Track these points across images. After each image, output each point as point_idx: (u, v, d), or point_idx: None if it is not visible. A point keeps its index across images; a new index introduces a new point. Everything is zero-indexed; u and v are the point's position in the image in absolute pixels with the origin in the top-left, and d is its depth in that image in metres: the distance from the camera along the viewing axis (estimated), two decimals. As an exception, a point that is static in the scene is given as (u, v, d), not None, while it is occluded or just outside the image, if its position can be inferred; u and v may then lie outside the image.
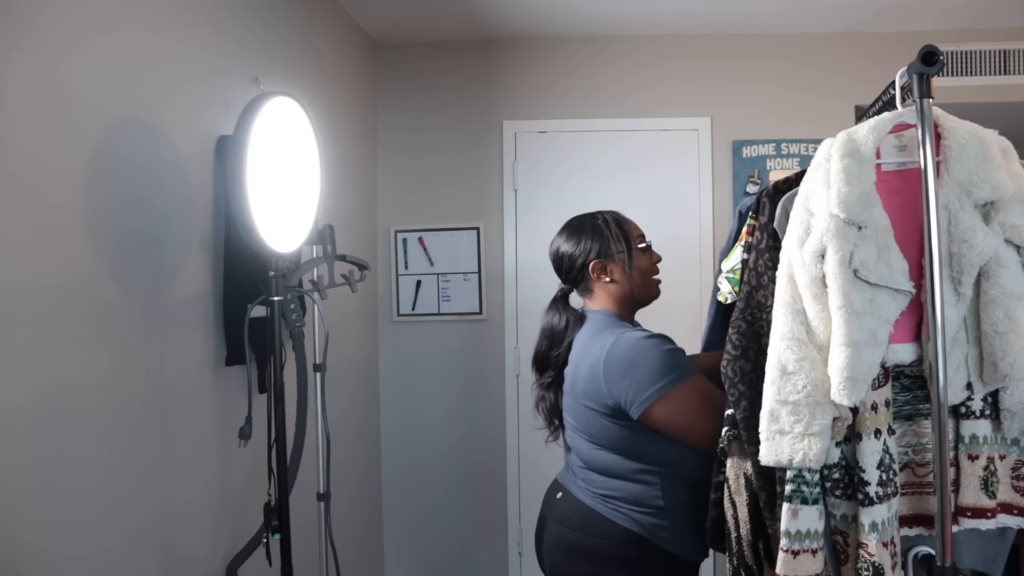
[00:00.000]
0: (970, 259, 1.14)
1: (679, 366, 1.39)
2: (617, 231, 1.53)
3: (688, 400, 1.38)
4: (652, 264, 1.56)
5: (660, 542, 1.43)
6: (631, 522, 1.43)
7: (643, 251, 1.55)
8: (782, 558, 1.18)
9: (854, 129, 1.21)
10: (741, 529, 1.36)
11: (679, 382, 1.37)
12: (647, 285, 1.55)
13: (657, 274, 1.58)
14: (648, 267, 1.55)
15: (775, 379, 1.18)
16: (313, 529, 1.95)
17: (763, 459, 1.20)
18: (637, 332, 1.46)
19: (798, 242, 1.18)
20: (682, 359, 1.42)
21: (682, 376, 1.38)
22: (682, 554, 1.46)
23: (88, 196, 1.24)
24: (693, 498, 1.42)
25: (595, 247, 1.52)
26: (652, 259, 1.57)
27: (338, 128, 2.52)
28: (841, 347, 1.11)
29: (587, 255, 1.53)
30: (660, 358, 1.39)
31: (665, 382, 1.37)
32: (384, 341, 3.03)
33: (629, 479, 1.44)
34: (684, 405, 1.38)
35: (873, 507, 1.14)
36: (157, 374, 1.43)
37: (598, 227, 1.54)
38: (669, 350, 1.41)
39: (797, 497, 1.19)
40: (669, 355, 1.40)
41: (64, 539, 1.18)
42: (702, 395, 1.39)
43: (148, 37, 1.43)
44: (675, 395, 1.37)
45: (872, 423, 1.16)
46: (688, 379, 1.39)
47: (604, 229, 1.53)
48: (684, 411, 1.38)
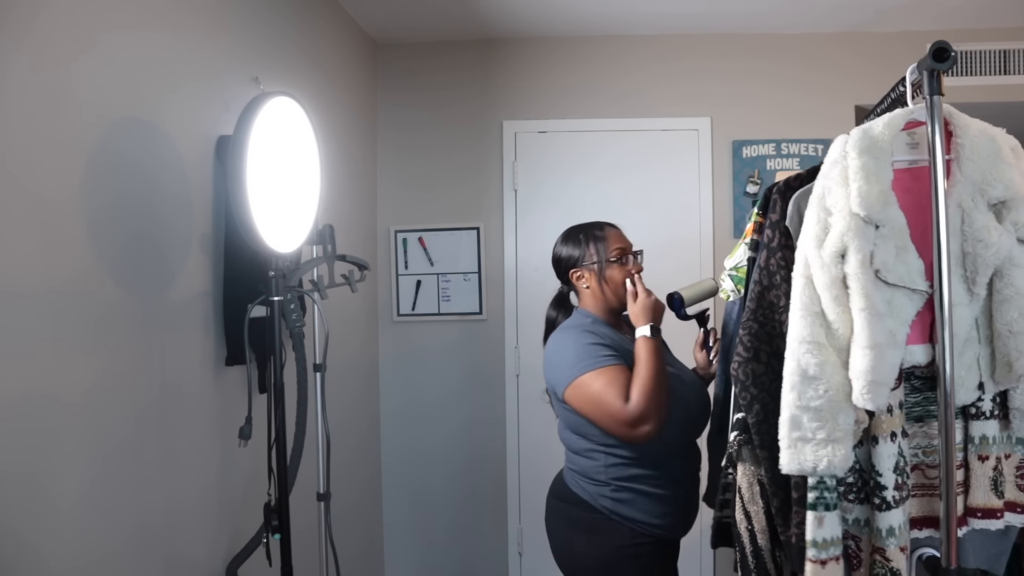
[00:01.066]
0: (985, 258, 1.12)
1: (592, 357, 1.56)
2: (593, 244, 1.73)
3: (586, 392, 1.54)
4: (627, 275, 1.71)
5: (605, 511, 1.61)
6: (583, 491, 1.65)
7: (616, 263, 1.71)
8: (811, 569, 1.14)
9: (869, 125, 1.18)
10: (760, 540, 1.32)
11: (587, 371, 1.54)
12: (620, 294, 1.71)
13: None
14: (621, 278, 1.71)
15: (795, 384, 1.15)
16: (313, 529, 1.95)
17: (785, 468, 1.17)
18: (573, 326, 1.68)
19: (816, 242, 1.16)
20: (599, 352, 1.57)
21: (592, 366, 1.55)
22: (630, 525, 1.61)
23: (88, 196, 1.24)
24: (633, 476, 1.60)
25: (574, 257, 1.75)
26: (627, 271, 1.71)
27: (338, 128, 2.52)
28: (864, 350, 1.09)
29: (568, 263, 1.76)
30: (577, 348, 1.59)
31: (575, 369, 1.56)
32: (384, 341, 3.03)
33: (581, 455, 1.66)
34: (584, 395, 1.55)
35: (890, 512, 1.12)
36: (157, 374, 1.43)
37: (579, 239, 1.75)
38: (588, 343, 1.59)
39: (821, 504, 1.15)
40: (586, 347, 1.58)
41: (65, 540, 1.17)
42: (600, 388, 1.52)
43: (148, 37, 1.43)
44: (579, 386, 1.55)
45: (888, 426, 1.14)
46: (596, 369, 1.54)
47: (583, 241, 1.75)
48: (587, 397, 1.55)
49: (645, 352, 1.55)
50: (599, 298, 1.72)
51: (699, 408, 1.72)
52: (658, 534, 1.62)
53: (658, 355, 1.55)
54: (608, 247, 1.72)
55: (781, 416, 1.17)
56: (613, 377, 1.53)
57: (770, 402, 1.23)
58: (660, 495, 1.61)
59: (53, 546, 1.15)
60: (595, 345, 1.59)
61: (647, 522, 1.61)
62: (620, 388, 1.51)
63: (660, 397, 1.51)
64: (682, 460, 1.66)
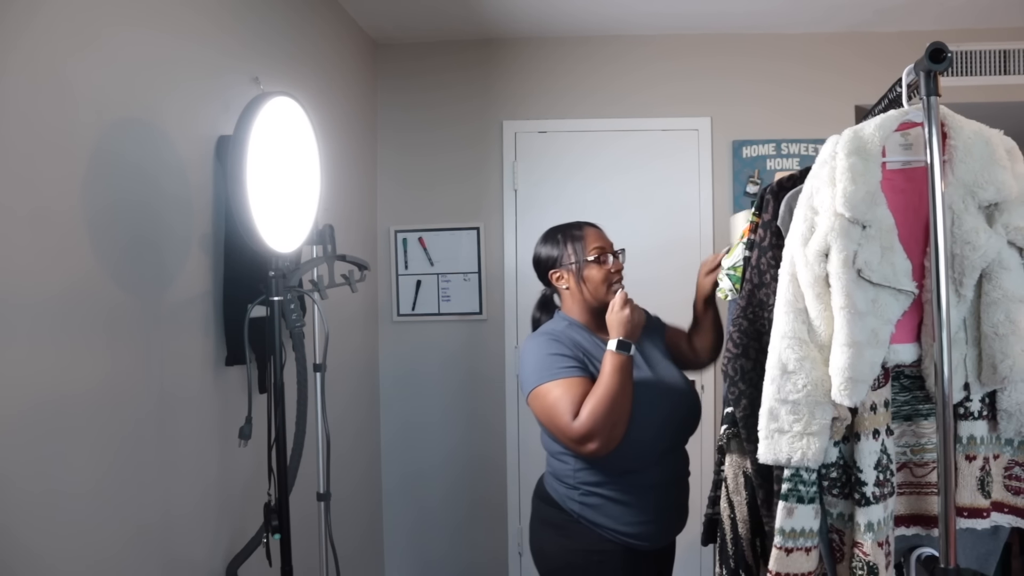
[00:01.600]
0: (972, 261, 1.13)
1: (551, 367, 1.55)
2: (571, 244, 1.71)
3: (542, 403, 1.54)
4: (607, 274, 1.69)
5: (574, 515, 1.61)
6: (555, 492, 1.66)
7: (595, 263, 1.68)
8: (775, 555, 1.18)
9: (860, 127, 1.20)
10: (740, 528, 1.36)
11: (545, 381, 1.54)
12: (599, 293, 1.69)
13: (616, 282, 1.70)
14: (600, 277, 1.68)
15: (775, 378, 1.18)
16: (313, 529, 1.95)
17: (761, 457, 1.20)
18: (544, 332, 1.67)
19: (802, 240, 1.18)
20: (559, 362, 1.56)
21: (549, 377, 1.54)
22: (598, 530, 1.59)
23: (87, 197, 1.24)
24: (600, 481, 1.58)
25: (553, 257, 1.73)
26: (607, 270, 1.69)
27: (338, 128, 2.52)
28: (843, 347, 1.11)
29: (547, 264, 1.75)
30: (539, 357, 1.58)
31: (534, 378, 1.56)
32: (384, 341, 3.03)
33: (555, 457, 1.66)
34: (539, 406, 1.55)
35: (869, 507, 1.14)
36: (157, 374, 1.43)
37: (557, 239, 1.74)
38: (550, 352, 1.58)
39: (793, 496, 1.19)
40: (547, 356, 1.57)
41: (65, 540, 1.18)
42: (553, 400, 1.51)
43: (148, 36, 1.43)
44: (536, 395, 1.55)
45: (871, 423, 1.16)
46: (553, 380, 1.53)
47: (561, 241, 1.73)
48: (542, 407, 1.55)
49: (606, 368, 1.50)
50: (578, 299, 1.71)
51: (683, 412, 1.67)
52: (628, 542, 1.58)
53: (620, 372, 1.49)
54: (586, 246, 1.70)
55: (761, 407, 1.20)
56: (567, 390, 1.51)
57: (757, 397, 1.26)
58: (629, 502, 1.58)
59: (54, 547, 1.15)
60: (557, 355, 1.57)
61: (614, 529, 1.58)
62: (571, 402, 1.49)
63: (611, 417, 1.46)
64: (655, 467, 1.60)
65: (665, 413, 1.61)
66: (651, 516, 1.60)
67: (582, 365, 1.57)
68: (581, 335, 1.67)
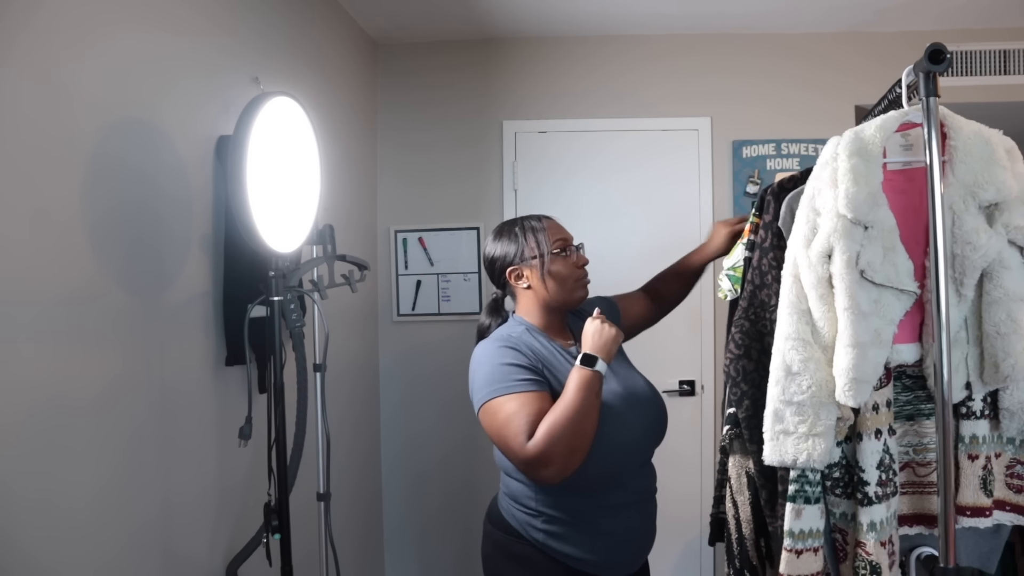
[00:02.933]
0: (973, 261, 1.13)
1: (504, 380, 1.40)
2: (533, 237, 1.55)
3: (493, 419, 1.38)
4: (573, 269, 1.55)
5: (537, 544, 1.46)
6: (513, 518, 1.49)
7: (560, 256, 1.54)
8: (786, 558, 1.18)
9: (861, 128, 1.20)
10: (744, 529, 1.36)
11: (492, 397, 1.39)
12: (566, 290, 1.54)
13: (583, 277, 1.57)
14: (567, 272, 1.54)
15: (779, 379, 1.18)
16: (313, 529, 1.95)
17: (767, 459, 1.20)
18: (497, 338, 1.51)
19: (804, 242, 1.18)
20: (514, 374, 1.40)
21: (502, 391, 1.38)
22: (557, 556, 1.45)
23: (87, 198, 1.24)
24: (566, 506, 1.43)
25: (510, 253, 1.56)
26: (572, 264, 1.55)
27: (338, 128, 2.52)
28: (847, 348, 1.11)
29: (504, 261, 1.58)
30: (492, 368, 1.43)
31: (483, 394, 1.41)
32: (384, 341, 3.03)
33: (512, 475, 1.49)
34: (490, 423, 1.40)
35: (872, 507, 1.14)
36: (157, 374, 1.43)
37: (515, 233, 1.57)
38: (504, 363, 1.42)
39: (800, 497, 1.19)
40: (500, 367, 1.42)
41: (65, 541, 1.17)
42: (505, 418, 1.36)
43: (148, 36, 1.43)
44: (487, 411, 1.40)
45: (873, 423, 1.16)
46: (500, 397, 1.38)
47: (520, 235, 1.56)
48: (493, 426, 1.39)
49: (570, 384, 1.35)
50: (541, 297, 1.55)
51: (652, 424, 1.52)
52: (591, 572, 1.44)
53: (585, 390, 1.33)
54: (549, 238, 1.54)
55: (766, 409, 1.20)
56: (522, 406, 1.35)
57: (759, 398, 1.26)
58: (595, 526, 1.43)
59: (53, 548, 1.15)
60: (512, 366, 1.41)
61: (583, 559, 1.43)
62: (526, 421, 1.33)
63: (571, 442, 1.30)
64: (625, 487, 1.46)
65: (636, 428, 1.47)
66: (622, 539, 1.46)
67: (541, 378, 1.42)
68: (540, 341, 1.52)
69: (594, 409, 1.34)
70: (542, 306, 1.57)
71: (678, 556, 2.98)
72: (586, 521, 1.44)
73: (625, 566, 1.49)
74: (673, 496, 2.84)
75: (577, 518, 1.44)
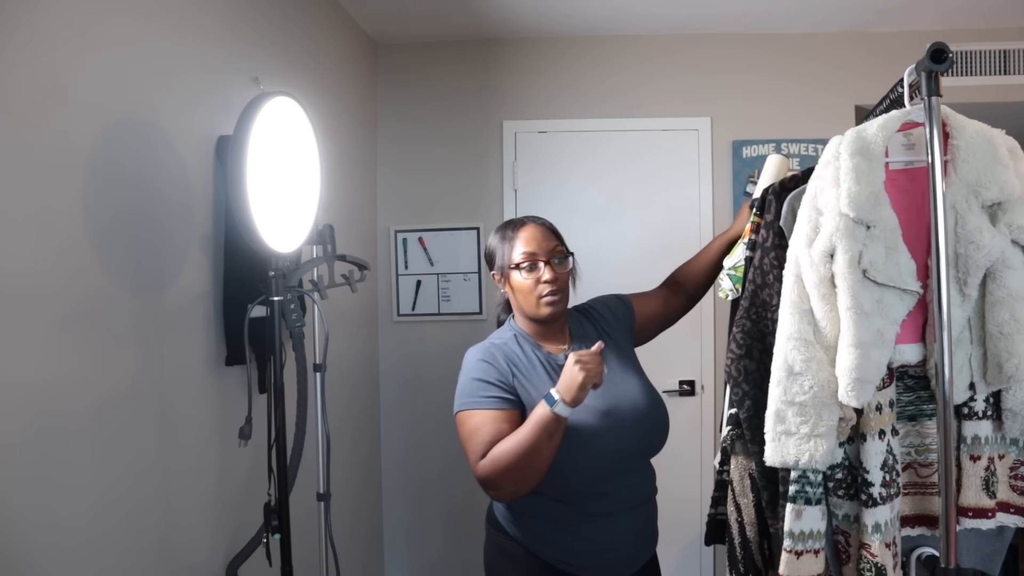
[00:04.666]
0: (976, 260, 1.13)
1: (471, 395, 1.45)
2: (503, 244, 1.54)
3: (461, 428, 1.46)
4: (534, 285, 1.49)
5: (521, 542, 1.50)
6: (501, 516, 1.55)
7: (517, 269, 1.50)
8: (785, 559, 1.18)
9: (863, 127, 1.20)
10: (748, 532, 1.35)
11: (460, 410, 1.46)
12: (528, 305, 1.52)
13: (546, 296, 1.49)
14: (527, 288, 1.50)
15: (781, 380, 1.17)
16: (313, 529, 1.95)
17: (768, 460, 1.19)
18: (482, 346, 1.53)
19: (806, 241, 1.17)
20: (482, 390, 1.44)
21: (467, 405, 1.44)
22: (541, 556, 1.47)
23: (87, 200, 1.24)
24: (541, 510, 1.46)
25: (490, 256, 1.59)
26: (533, 279, 1.49)
27: (338, 128, 2.52)
28: (850, 348, 1.10)
29: (489, 263, 1.61)
30: (466, 380, 1.48)
31: (457, 404, 1.48)
32: (384, 341, 3.03)
33: None
34: (460, 429, 1.47)
35: (876, 508, 1.14)
36: (157, 374, 1.43)
37: (497, 237, 1.58)
38: (475, 377, 1.46)
39: (801, 498, 1.18)
40: (472, 382, 1.46)
41: (64, 541, 1.17)
42: (467, 434, 1.43)
43: (148, 36, 1.43)
44: (459, 418, 1.47)
45: (876, 424, 1.15)
46: (467, 411, 1.44)
47: (499, 240, 1.56)
48: (460, 434, 1.47)
49: (529, 420, 1.33)
50: (516, 306, 1.56)
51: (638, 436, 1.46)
52: (575, 573, 1.44)
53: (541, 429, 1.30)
54: (513, 249, 1.51)
55: (767, 410, 1.20)
56: (482, 424, 1.40)
57: (761, 398, 1.25)
58: (575, 530, 1.43)
59: (53, 548, 1.15)
60: (481, 381, 1.44)
61: (564, 560, 1.44)
62: (483, 441, 1.38)
63: (516, 473, 1.33)
64: (604, 498, 1.43)
65: (618, 443, 1.43)
66: (605, 546, 1.44)
67: (508, 394, 1.44)
68: (520, 350, 1.51)
69: (545, 448, 1.32)
70: (521, 313, 1.57)
71: (677, 557, 2.98)
72: (566, 526, 1.44)
73: (612, 570, 1.47)
74: (673, 497, 2.83)
75: (557, 523, 1.45)
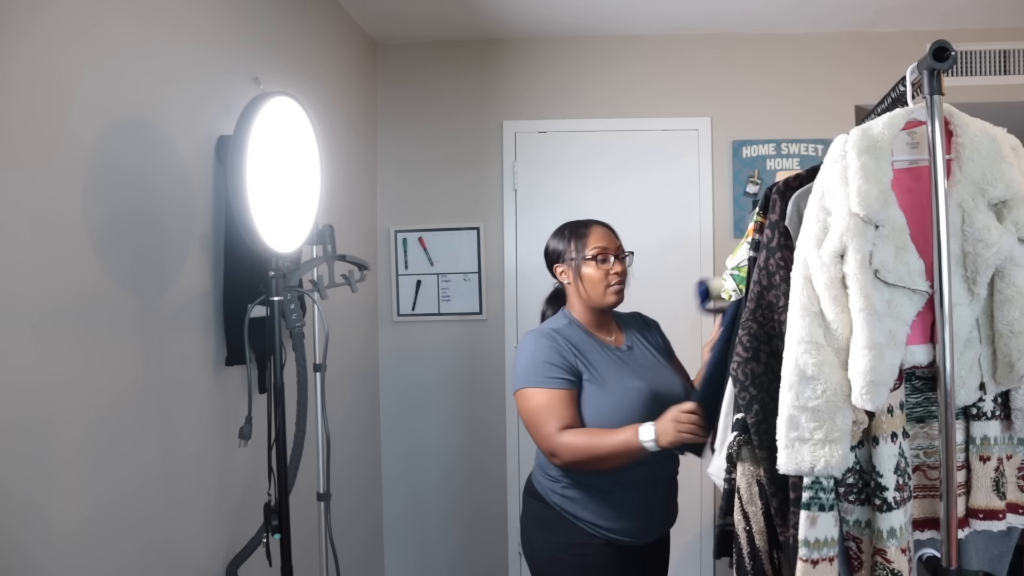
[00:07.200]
0: (986, 258, 1.11)
1: (539, 374, 1.60)
2: (574, 241, 1.73)
3: (526, 404, 1.61)
4: (603, 275, 1.69)
5: (557, 508, 1.65)
6: (540, 485, 1.70)
7: (593, 261, 1.69)
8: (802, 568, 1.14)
9: (868, 125, 1.18)
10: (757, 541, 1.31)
11: (527, 387, 1.61)
12: (596, 293, 1.70)
13: (614, 284, 1.70)
14: (597, 278, 1.69)
15: (793, 384, 1.14)
16: (313, 529, 1.95)
17: (782, 468, 1.16)
18: (542, 331, 1.68)
19: (815, 242, 1.15)
20: (548, 371, 1.60)
21: (536, 383, 1.60)
22: (580, 524, 1.62)
23: (87, 199, 1.23)
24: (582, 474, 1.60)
25: (558, 251, 1.76)
26: (603, 270, 1.69)
27: (338, 128, 2.52)
28: (864, 350, 1.08)
29: (552, 258, 1.78)
30: (531, 361, 1.63)
31: (521, 381, 1.63)
32: (384, 341, 3.03)
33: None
34: (524, 406, 1.62)
35: (891, 512, 1.11)
36: (157, 374, 1.43)
37: (564, 234, 1.76)
38: (542, 360, 1.61)
39: (815, 504, 1.15)
40: (538, 363, 1.61)
41: (64, 541, 1.17)
42: (537, 407, 1.58)
43: (148, 36, 1.42)
44: (522, 396, 1.63)
45: (889, 426, 1.13)
46: (533, 388, 1.60)
47: (567, 237, 1.75)
48: (524, 411, 1.63)
49: (620, 435, 1.50)
50: (579, 296, 1.73)
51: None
52: (610, 537, 1.61)
53: (623, 452, 1.49)
54: (587, 244, 1.71)
55: (779, 416, 1.17)
56: (551, 401, 1.57)
57: (769, 402, 1.23)
58: (610, 498, 1.61)
59: (53, 547, 1.15)
60: (548, 363, 1.61)
61: (595, 523, 1.61)
62: (553, 415, 1.56)
63: (583, 464, 1.54)
64: (638, 468, 1.58)
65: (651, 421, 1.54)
66: (632, 512, 1.63)
67: (571, 375, 1.61)
68: (579, 335, 1.69)
69: (616, 461, 1.52)
70: (582, 302, 1.74)
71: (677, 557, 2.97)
72: (602, 492, 1.61)
73: (635, 535, 1.64)
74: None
75: (593, 488, 1.62)
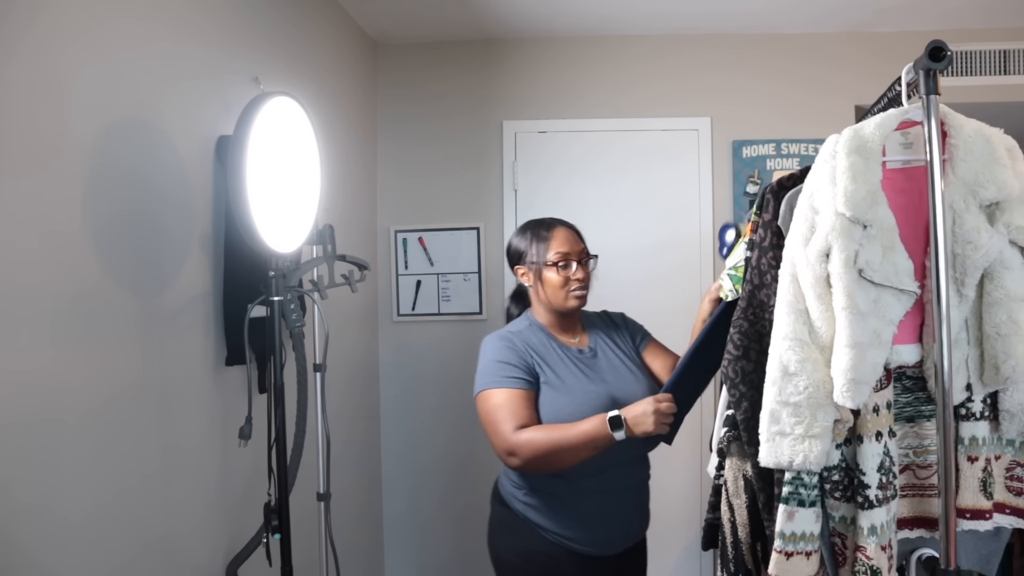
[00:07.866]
0: (974, 260, 1.12)
1: (495, 375, 1.58)
2: (535, 243, 1.68)
3: (483, 405, 1.57)
4: (564, 280, 1.65)
5: (519, 514, 1.62)
6: (504, 490, 1.68)
7: (553, 267, 1.65)
8: (775, 559, 1.18)
9: (860, 125, 1.19)
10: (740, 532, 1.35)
11: (485, 388, 1.58)
12: (556, 298, 1.67)
13: (575, 290, 1.66)
14: (558, 283, 1.66)
15: (776, 380, 1.16)
16: (313, 529, 1.95)
17: (763, 460, 1.19)
18: (501, 334, 1.67)
19: (802, 240, 1.16)
20: (504, 371, 1.57)
21: (491, 384, 1.57)
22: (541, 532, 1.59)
23: (87, 200, 1.24)
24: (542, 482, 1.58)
25: (519, 252, 1.72)
26: (564, 276, 1.65)
27: (338, 128, 2.52)
28: (845, 348, 1.10)
29: (513, 259, 1.75)
30: (488, 362, 1.61)
31: (479, 384, 1.60)
32: (384, 341, 3.03)
33: None
34: (483, 407, 1.58)
35: (872, 510, 1.13)
36: (157, 374, 1.43)
37: (527, 235, 1.72)
38: (498, 360, 1.59)
39: (794, 499, 1.18)
40: (494, 363, 1.59)
41: (64, 541, 1.17)
42: (494, 406, 1.54)
43: (148, 36, 1.43)
44: (480, 398, 1.59)
45: (873, 425, 1.15)
46: (491, 389, 1.56)
47: (530, 239, 1.70)
48: (483, 411, 1.58)
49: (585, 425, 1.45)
50: (539, 299, 1.71)
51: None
52: (572, 547, 1.57)
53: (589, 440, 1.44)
54: (549, 248, 1.66)
55: (762, 410, 1.19)
56: (507, 400, 1.53)
57: (758, 400, 1.24)
58: (567, 505, 1.57)
59: (53, 548, 1.15)
60: (503, 363, 1.58)
61: (556, 532, 1.58)
62: (509, 413, 1.51)
63: (546, 459, 1.47)
64: (599, 476, 1.56)
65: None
66: (594, 521, 1.58)
67: (529, 375, 1.58)
68: (539, 338, 1.67)
69: (583, 453, 1.46)
70: (543, 305, 1.71)
71: (676, 558, 2.98)
72: (563, 500, 1.58)
73: (599, 544, 1.60)
74: (670, 498, 2.85)
75: (551, 495, 1.59)
